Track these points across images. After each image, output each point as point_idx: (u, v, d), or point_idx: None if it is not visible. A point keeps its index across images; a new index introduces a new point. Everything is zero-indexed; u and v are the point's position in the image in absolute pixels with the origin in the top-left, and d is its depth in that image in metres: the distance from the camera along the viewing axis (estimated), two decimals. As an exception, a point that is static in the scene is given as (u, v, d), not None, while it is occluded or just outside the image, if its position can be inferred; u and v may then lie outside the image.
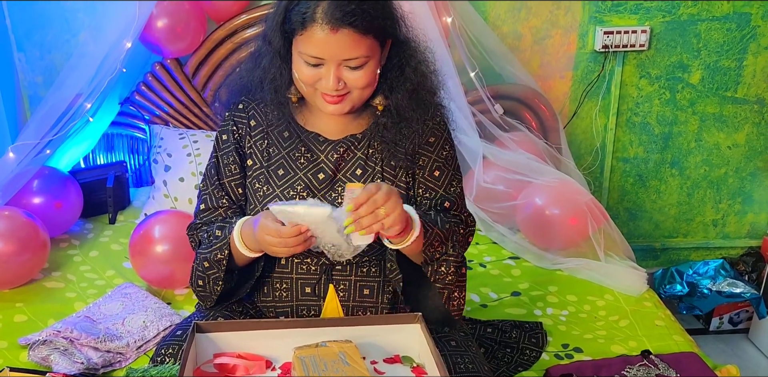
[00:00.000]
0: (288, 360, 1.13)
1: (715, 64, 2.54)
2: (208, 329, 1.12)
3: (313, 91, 1.25)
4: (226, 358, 1.08)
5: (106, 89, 2.14)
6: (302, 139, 1.33)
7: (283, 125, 1.34)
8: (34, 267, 1.91)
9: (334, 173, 1.32)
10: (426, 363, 1.15)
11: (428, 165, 1.35)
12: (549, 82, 2.53)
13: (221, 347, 1.12)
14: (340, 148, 1.33)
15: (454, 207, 1.37)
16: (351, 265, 1.33)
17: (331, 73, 1.19)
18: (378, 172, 1.33)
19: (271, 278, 1.35)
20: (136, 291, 1.84)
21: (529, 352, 1.68)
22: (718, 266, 2.45)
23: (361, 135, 1.34)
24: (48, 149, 2.06)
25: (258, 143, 1.34)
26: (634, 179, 2.70)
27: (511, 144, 2.28)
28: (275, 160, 1.33)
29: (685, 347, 1.70)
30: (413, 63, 1.28)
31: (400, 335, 1.15)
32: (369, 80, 1.22)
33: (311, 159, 1.33)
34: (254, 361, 1.10)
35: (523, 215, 2.15)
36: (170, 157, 2.27)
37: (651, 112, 2.60)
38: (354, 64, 1.19)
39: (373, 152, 1.33)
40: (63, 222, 2.14)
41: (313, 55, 1.19)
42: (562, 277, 2.02)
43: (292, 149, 1.33)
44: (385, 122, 1.29)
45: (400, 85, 1.27)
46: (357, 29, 1.16)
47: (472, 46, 2.34)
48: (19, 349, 1.63)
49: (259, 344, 1.14)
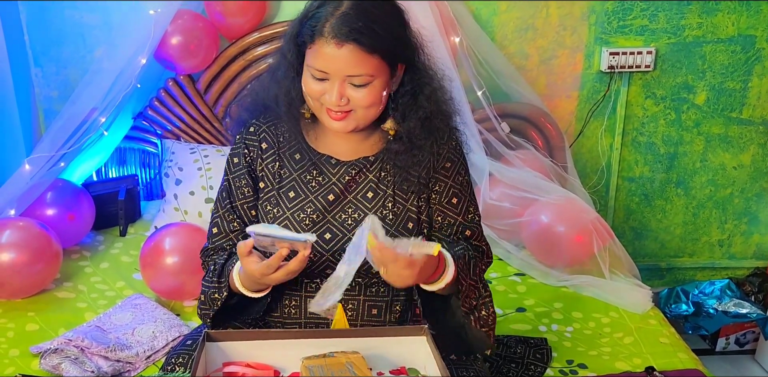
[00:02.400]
0: (296, 370, 1.14)
1: (720, 85, 2.57)
2: (218, 338, 1.14)
3: (319, 106, 1.25)
4: (235, 367, 1.10)
5: (120, 104, 2.18)
6: (314, 161, 1.32)
7: (295, 147, 1.33)
8: (47, 278, 1.93)
9: (344, 194, 1.32)
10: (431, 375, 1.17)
11: (444, 191, 1.34)
12: (555, 101, 2.56)
13: (231, 356, 1.14)
14: (352, 170, 1.32)
15: (475, 237, 1.37)
16: (360, 285, 1.33)
17: (335, 89, 1.20)
18: (389, 196, 1.32)
19: (280, 295, 1.35)
20: (146, 302, 1.86)
21: (534, 367, 1.68)
22: (724, 286, 2.45)
23: (374, 157, 1.33)
24: (62, 162, 2.10)
25: (269, 165, 1.34)
26: (639, 198, 2.71)
27: (517, 162, 2.30)
28: (286, 182, 1.33)
29: (690, 365, 1.70)
30: (427, 91, 1.27)
31: (407, 347, 1.17)
32: (373, 100, 1.22)
33: (322, 182, 1.32)
34: (263, 370, 1.11)
35: (528, 232, 2.17)
36: (181, 170, 2.30)
37: (656, 132, 2.62)
38: (358, 82, 1.20)
39: (385, 175, 1.32)
40: (75, 234, 2.17)
41: (319, 69, 1.20)
42: (567, 294, 2.03)
43: (303, 172, 1.33)
44: (397, 148, 1.29)
45: (412, 113, 1.27)
46: (362, 46, 1.17)
47: (479, 65, 2.38)
48: (30, 357, 1.65)
49: (267, 354, 1.15)
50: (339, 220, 1.31)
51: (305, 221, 1.30)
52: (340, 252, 1.27)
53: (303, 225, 1.30)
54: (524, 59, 2.51)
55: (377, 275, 1.27)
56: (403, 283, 1.16)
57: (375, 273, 1.26)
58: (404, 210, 1.32)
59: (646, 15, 2.47)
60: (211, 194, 2.23)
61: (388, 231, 1.28)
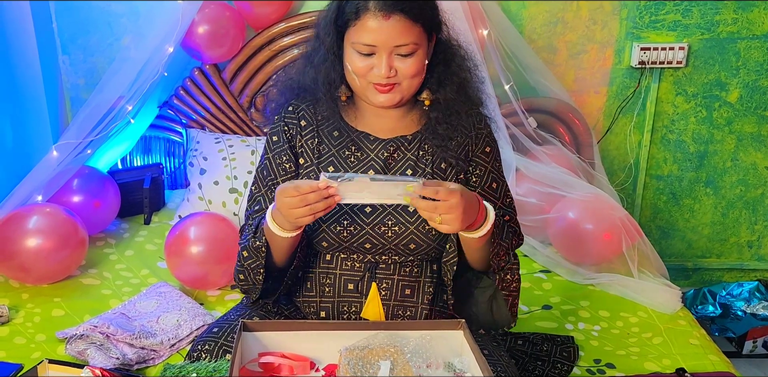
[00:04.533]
0: (331, 362, 1.13)
1: (755, 83, 2.52)
2: (254, 328, 1.13)
3: (365, 84, 1.30)
4: (270, 357, 1.09)
5: (146, 92, 2.18)
6: (352, 138, 1.38)
7: (333, 125, 1.38)
8: (72, 264, 1.94)
9: (384, 171, 1.36)
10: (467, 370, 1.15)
11: (484, 175, 1.41)
12: (583, 96, 2.53)
13: (267, 346, 1.13)
14: (390, 147, 1.37)
15: (512, 221, 1.43)
16: (395, 264, 1.36)
17: (383, 60, 1.25)
18: (428, 174, 1.37)
19: (315, 273, 1.38)
20: (171, 291, 1.86)
21: (561, 366, 1.66)
22: (753, 288, 2.41)
23: (411, 136, 1.38)
24: (89, 149, 2.11)
25: (308, 142, 1.38)
26: (667, 197, 2.68)
27: (544, 157, 2.28)
28: (325, 157, 1.37)
29: (721, 367, 1.67)
30: (458, 60, 1.36)
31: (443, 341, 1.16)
32: (418, 69, 1.28)
33: (361, 157, 1.37)
34: (299, 362, 1.10)
35: (555, 229, 2.14)
36: (206, 160, 2.30)
37: (687, 129, 2.58)
38: (404, 51, 1.26)
39: (423, 154, 1.37)
40: (101, 221, 2.17)
41: (367, 43, 1.25)
42: (594, 292, 2.00)
43: (342, 147, 1.37)
44: (437, 116, 1.35)
45: (446, 80, 1.34)
46: (408, 16, 1.25)
47: (507, 59, 2.35)
48: (56, 342, 1.66)
49: (303, 345, 1.15)
50: None
51: None
52: (379, 226, 1.32)
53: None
54: (553, 53, 2.48)
55: (414, 252, 1.33)
56: (455, 221, 1.16)
57: (412, 250, 1.32)
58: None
59: (679, 10, 2.43)
60: (236, 184, 2.23)
61: None
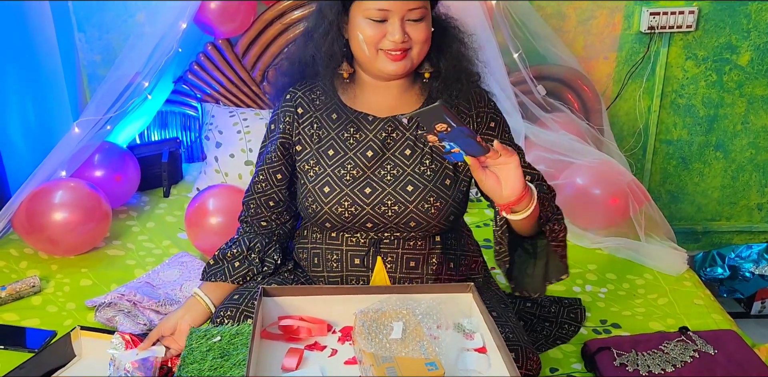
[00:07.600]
0: (347, 324, 1.20)
1: (766, 45, 2.50)
2: (273, 293, 1.20)
3: (374, 53, 1.32)
4: (290, 320, 1.16)
5: (162, 68, 2.22)
6: (351, 119, 1.40)
7: (331, 107, 1.41)
8: (98, 236, 2.02)
9: (382, 151, 1.39)
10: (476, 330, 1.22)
11: None
12: (592, 63, 2.53)
13: (286, 310, 1.20)
14: (389, 127, 1.39)
15: (537, 179, 1.43)
16: (398, 240, 1.39)
17: (397, 25, 1.28)
18: (427, 153, 1.39)
19: (322, 250, 1.43)
20: (192, 260, 1.94)
21: (568, 326, 1.72)
22: (762, 250, 2.44)
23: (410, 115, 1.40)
24: (109, 125, 2.16)
25: (306, 128, 1.42)
26: (677, 161, 2.69)
27: (553, 125, 2.30)
28: (325, 140, 1.41)
29: (724, 325, 1.71)
30: (453, 30, 1.39)
31: (453, 303, 1.22)
32: (427, 34, 1.32)
33: (360, 138, 1.39)
34: (316, 324, 1.17)
35: (564, 194, 2.17)
36: (221, 134, 2.35)
37: (696, 94, 2.58)
38: (416, 16, 1.29)
39: (422, 133, 1.39)
40: (122, 194, 2.24)
41: (380, 8, 1.28)
42: (601, 256, 2.05)
43: (341, 130, 1.40)
44: (438, 85, 1.38)
45: (446, 47, 1.37)
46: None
47: (515, 26, 2.35)
48: (86, 311, 1.74)
49: (320, 308, 1.21)
50: (378, 176, 1.37)
51: (346, 177, 1.37)
52: (380, 205, 1.35)
53: (344, 181, 1.37)
54: (561, 20, 2.47)
55: (415, 229, 1.36)
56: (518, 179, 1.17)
57: (413, 227, 1.36)
58: (442, 167, 1.38)
59: (689, -27, 2.40)
60: (251, 157, 2.28)
61: (426, 186, 1.36)
